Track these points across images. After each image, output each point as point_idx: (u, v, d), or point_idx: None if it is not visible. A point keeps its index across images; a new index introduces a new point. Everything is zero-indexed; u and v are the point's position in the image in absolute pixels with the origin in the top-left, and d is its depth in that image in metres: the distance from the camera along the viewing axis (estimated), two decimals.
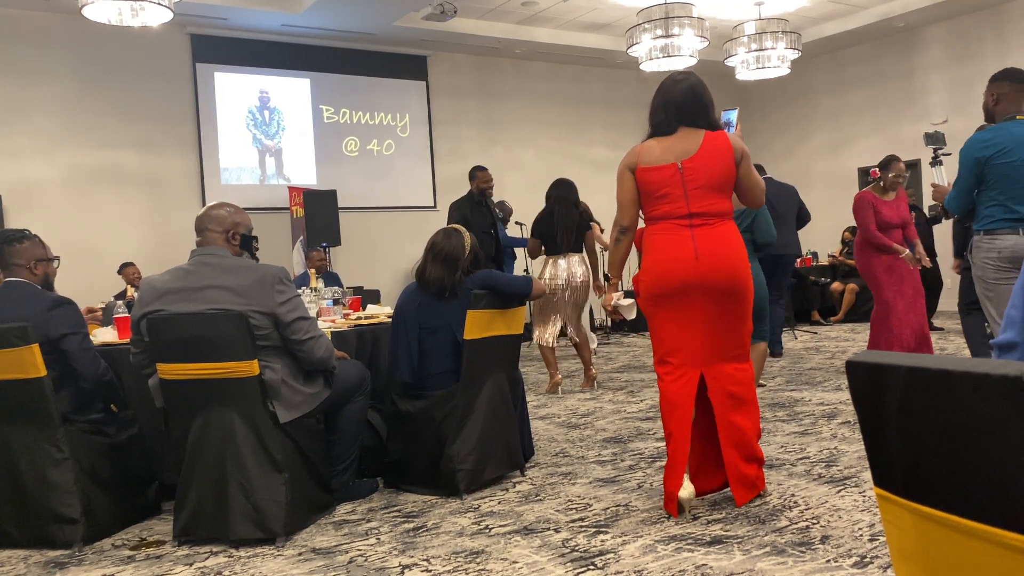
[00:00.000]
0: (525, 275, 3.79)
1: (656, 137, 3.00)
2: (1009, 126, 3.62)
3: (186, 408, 2.98)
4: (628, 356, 7.85)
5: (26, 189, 8.12)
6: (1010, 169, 3.53)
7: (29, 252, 3.21)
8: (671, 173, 2.92)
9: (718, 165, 2.92)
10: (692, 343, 2.96)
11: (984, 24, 10.00)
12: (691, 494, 2.92)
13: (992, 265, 3.63)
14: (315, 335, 3.06)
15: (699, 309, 2.93)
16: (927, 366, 0.82)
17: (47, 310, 3.07)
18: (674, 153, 2.93)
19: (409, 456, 3.52)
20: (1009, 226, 3.56)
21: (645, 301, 3.01)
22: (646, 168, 2.95)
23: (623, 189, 3.01)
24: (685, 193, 2.91)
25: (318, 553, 2.83)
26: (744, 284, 2.96)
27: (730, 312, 2.96)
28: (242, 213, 3.16)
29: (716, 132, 2.98)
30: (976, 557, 0.79)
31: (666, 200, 2.93)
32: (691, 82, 3.00)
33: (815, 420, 4.52)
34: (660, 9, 7.59)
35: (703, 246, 2.89)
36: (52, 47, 8.30)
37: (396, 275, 9.88)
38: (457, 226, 3.78)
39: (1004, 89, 3.71)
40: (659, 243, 2.96)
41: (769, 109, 11.98)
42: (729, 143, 2.95)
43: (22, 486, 3.01)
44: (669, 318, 2.97)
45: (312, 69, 9.66)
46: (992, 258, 3.63)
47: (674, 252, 2.91)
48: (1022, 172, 3.53)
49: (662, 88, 3.02)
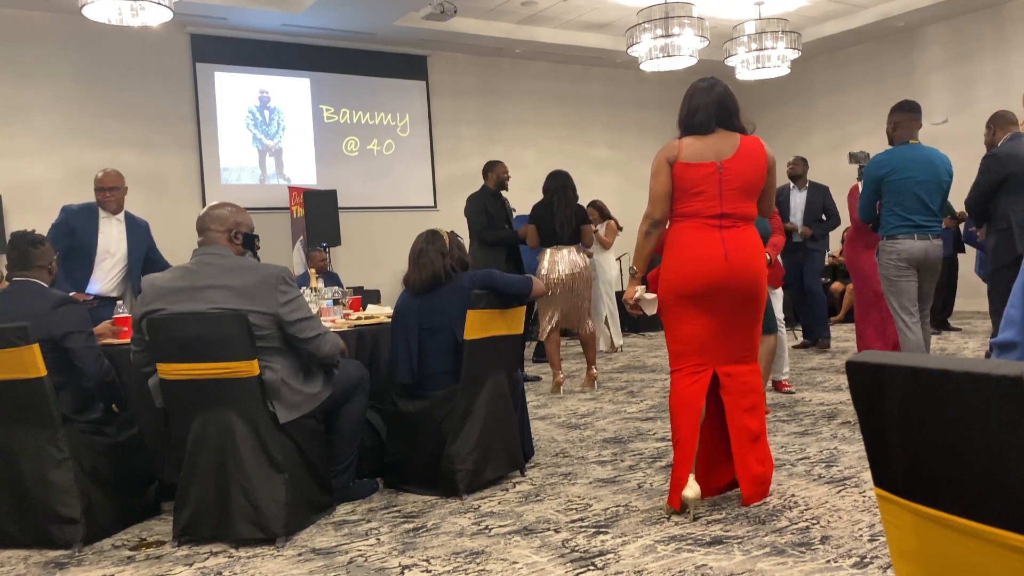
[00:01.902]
0: (525, 275, 3.78)
1: (695, 136, 3.00)
2: (902, 149, 4.36)
3: (186, 408, 2.98)
4: (628, 356, 7.85)
5: (26, 189, 8.12)
6: (903, 185, 4.28)
7: (48, 254, 3.30)
8: (710, 171, 2.94)
9: (753, 169, 2.97)
10: (709, 342, 2.99)
11: (984, 24, 10.00)
12: (696, 494, 2.91)
13: (893, 265, 4.35)
14: (320, 332, 3.07)
15: (722, 309, 2.96)
16: (927, 366, 0.82)
17: (52, 308, 3.08)
18: (714, 152, 2.96)
19: (409, 456, 3.52)
20: (905, 232, 4.30)
21: (667, 298, 3.02)
22: (686, 164, 2.95)
23: (659, 182, 3.00)
24: (720, 192, 2.93)
25: (318, 553, 2.83)
26: (763, 287, 3.02)
27: (748, 314, 3.01)
28: (243, 212, 3.17)
29: (750, 136, 3.03)
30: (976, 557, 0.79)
31: (700, 198, 2.95)
32: (724, 87, 3.07)
33: (815, 420, 4.52)
34: (660, 9, 7.58)
35: (732, 247, 2.92)
36: (52, 47, 8.30)
37: (396, 275, 9.87)
38: (434, 228, 3.77)
39: (900, 118, 4.43)
40: (688, 241, 2.96)
41: (769, 109, 11.98)
42: (764, 150, 3.01)
43: (22, 486, 3.01)
44: (690, 316, 2.98)
45: (312, 69, 9.66)
46: (893, 259, 4.35)
47: (703, 251, 2.93)
48: (912, 187, 4.26)
49: (697, 90, 3.06)
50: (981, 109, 10.08)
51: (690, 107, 3.05)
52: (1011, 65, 9.78)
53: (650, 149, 11.56)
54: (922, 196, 4.28)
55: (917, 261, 4.32)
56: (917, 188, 4.27)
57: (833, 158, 11.68)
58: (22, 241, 3.24)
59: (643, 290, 3.12)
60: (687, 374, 3.00)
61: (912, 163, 4.29)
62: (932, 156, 4.34)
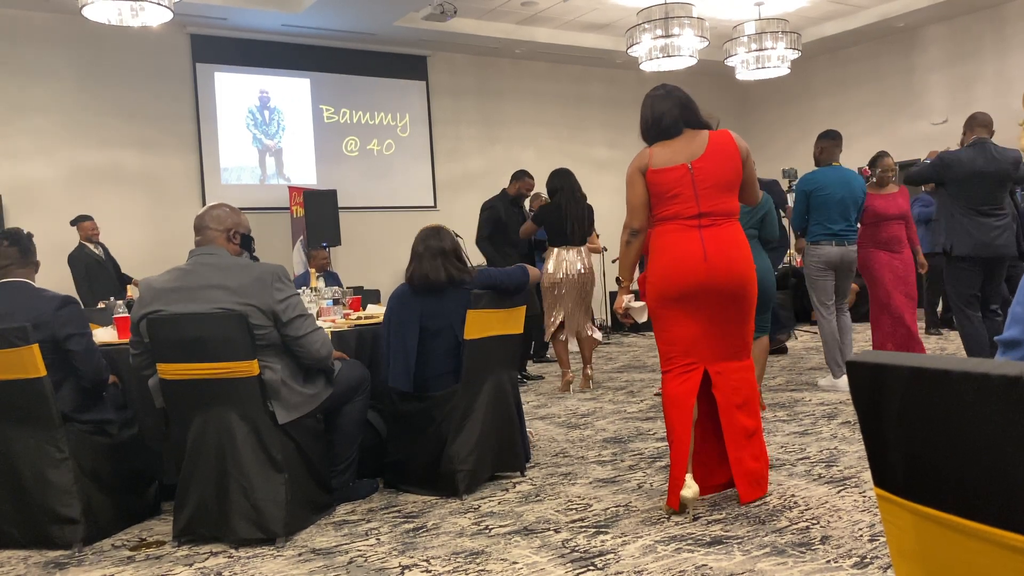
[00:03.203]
0: (518, 264, 3.76)
1: (662, 141, 3.03)
2: (826, 171, 5.28)
3: (186, 408, 2.98)
4: (628, 356, 7.85)
5: (26, 189, 8.12)
6: (825, 199, 5.15)
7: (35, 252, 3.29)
8: (681, 174, 2.96)
9: (727, 164, 2.98)
10: (698, 342, 2.99)
11: (984, 24, 10.00)
12: (695, 493, 2.91)
13: (815, 266, 5.25)
14: (314, 330, 3.06)
15: (706, 309, 2.97)
16: (927, 366, 0.82)
17: (55, 309, 3.08)
18: (683, 154, 2.98)
19: (409, 456, 3.52)
20: (826, 239, 5.19)
21: (653, 302, 3.04)
22: (657, 170, 2.98)
23: (634, 192, 3.03)
24: (695, 193, 2.95)
25: (318, 554, 2.83)
26: (750, 285, 3.01)
27: (736, 312, 3.01)
28: (241, 214, 3.18)
29: (719, 131, 3.04)
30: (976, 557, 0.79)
31: (676, 200, 2.97)
32: (679, 89, 3.08)
33: (815, 420, 4.52)
34: (660, 9, 7.58)
35: (711, 247, 2.93)
36: (52, 47, 8.30)
37: (396, 275, 9.86)
38: (437, 224, 3.74)
39: (825, 144, 5.33)
40: (668, 244, 2.99)
41: (769, 109, 11.98)
42: (735, 143, 3.00)
43: (22, 486, 3.01)
44: (676, 318, 3.00)
45: (312, 69, 9.65)
46: (815, 262, 5.24)
47: (683, 253, 2.94)
48: (833, 202, 5.14)
49: (654, 99, 3.07)
50: (981, 109, 10.04)
51: (653, 114, 3.06)
52: (1011, 65, 9.78)
53: None
54: (841, 210, 5.14)
55: (835, 264, 5.20)
56: (837, 203, 5.13)
57: None
58: (22, 238, 3.24)
59: (631, 299, 3.18)
60: (676, 374, 3.02)
61: (834, 182, 5.14)
62: (850, 176, 5.22)
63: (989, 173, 4.84)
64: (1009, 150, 4.96)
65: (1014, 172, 4.90)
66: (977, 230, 4.85)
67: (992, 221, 4.85)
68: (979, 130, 4.98)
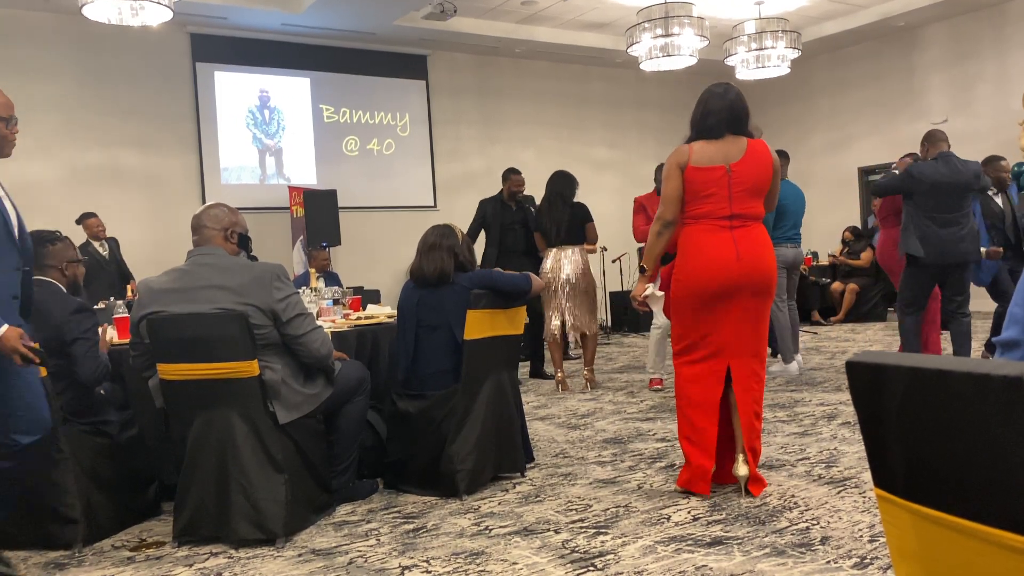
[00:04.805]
0: (524, 272, 3.78)
1: (705, 140, 3.13)
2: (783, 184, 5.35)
3: (186, 408, 2.98)
4: (628, 356, 7.85)
5: (26, 189, 8.10)
6: (783, 209, 5.79)
7: (61, 254, 3.25)
8: (720, 175, 3.08)
9: (761, 172, 3.12)
10: (724, 339, 3.13)
11: (984, 24, 10.00)
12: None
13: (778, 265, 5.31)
14: (314, 329, 3.06)
15: (736, 307, 3.11)
16: (927, 366, 0.82)
17: (70, 313, 3.08)
18: (723, 156, 3.10)
19: (409, 456, 3.52)
20: (782, 242, 5.81)
21: (682, 299, 3.16)
22: (696, 168, 3.10)
23: (671, 186, 3.14)
24: (730, 195, 3.08)
25: (318, 554, 2.83)
26: (773, 284, 3.18)
27: (760, 309, 3.17)
28: (238, 214, 3.19)
29: (756, 140, 3.18)
30: (976, 558, 0.79)
31: (710, 200, 3.09)
32: (737, 92, 3.20)
33: (815, 421, 4.52)
34: (660, 8, 7.58)
35: (743, 247, 3.07)
36: (52, 47, 8.30)
37: (396, 275, 9.87)
38: (448, 223, 3.78)
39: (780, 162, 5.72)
40: (702, 244, 3.10)
41: (769, 109, 11.98)
42: (770, 153, 3.17)
43: (22, 486, 3.00)
44: (705, 316, 3.13)
45: (312, 68, 9.66)
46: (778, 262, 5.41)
47: (717, 253, 3.07)
48: (788, 212, 5.90)
49: (712, 95, 3.18)
50: (981, 109, 10.10)
51: (704, 111, 3.17)
52: (1011, 65, 9.78)
53: (650, 149, 11.57)
54: (794, 219, 6.02)
55: (788, 263, 5.93)
56: (791, 213, 5.95)
57: (833, 158, 11.69)
58: (34, 240, 3.23)
59: (653, 288, 3.29)
60: (699, 360, 3.14)
61: (788, 195, 5.82)
62: (798, 190, 6.11)
63: (953, 184, 5.16)
64: (970, 162, 5.27)
65: (975, 183, 5.24)
66: (942, 237, 5.19)
67: (956, 230, 5.18)
68: (940, 144, 5.30)
